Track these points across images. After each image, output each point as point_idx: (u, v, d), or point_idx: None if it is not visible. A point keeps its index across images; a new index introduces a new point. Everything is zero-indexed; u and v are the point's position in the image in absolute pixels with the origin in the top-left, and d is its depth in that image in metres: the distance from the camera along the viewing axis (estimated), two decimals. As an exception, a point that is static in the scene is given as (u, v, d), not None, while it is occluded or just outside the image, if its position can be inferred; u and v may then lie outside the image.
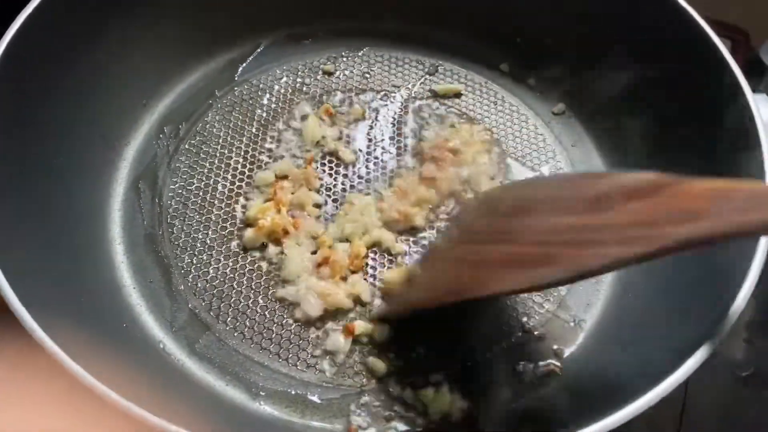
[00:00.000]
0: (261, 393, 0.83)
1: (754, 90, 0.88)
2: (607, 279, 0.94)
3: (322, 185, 1.01)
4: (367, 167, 1.04)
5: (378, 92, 1.13)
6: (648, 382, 0.70)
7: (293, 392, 0.83)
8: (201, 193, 1.00)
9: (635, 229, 0.64)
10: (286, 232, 0.94)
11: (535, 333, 0.89)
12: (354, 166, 1.04)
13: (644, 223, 0.64)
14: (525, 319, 0.91)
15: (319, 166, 1.03)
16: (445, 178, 0.99)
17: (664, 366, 0.72)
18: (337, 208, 0.99)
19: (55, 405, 0.64)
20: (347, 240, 0.94)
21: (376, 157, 1.05)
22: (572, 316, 0.91)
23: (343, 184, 1.02)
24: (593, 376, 0.84)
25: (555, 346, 0.88)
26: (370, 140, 1.07)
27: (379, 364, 0.85)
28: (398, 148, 1.07)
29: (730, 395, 1.01)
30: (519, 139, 1.10)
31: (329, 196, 1.00)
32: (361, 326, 0.87)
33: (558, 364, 0.86)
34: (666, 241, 0.62)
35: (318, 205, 0.98)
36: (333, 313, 0.89)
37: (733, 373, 1.03)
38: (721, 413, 1.00)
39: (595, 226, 0.67)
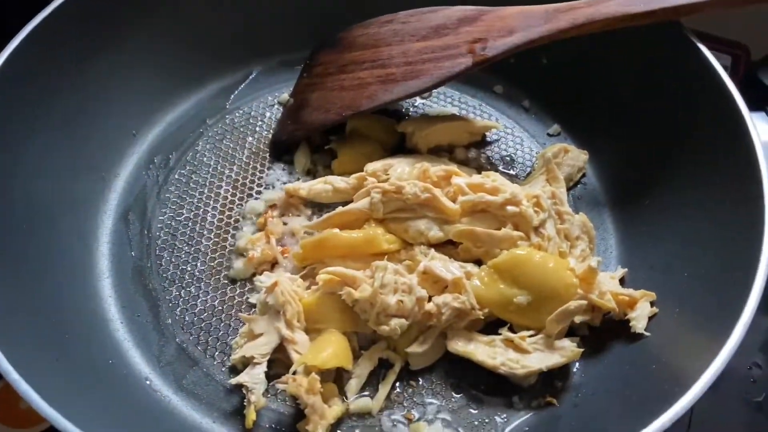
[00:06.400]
0: (250, 430, 0.80)
1: (753, 108, 0.86)
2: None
3: (313, 211, 1.00)
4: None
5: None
6: (646, 415, 0.68)
7: (283, 429, 0.81)
8: (190, 224, 0.98)
9: (472, 45, 0.93)
10: (275, 263, 0.92)
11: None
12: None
13: (477, 40, 0.93)
14: (521, 348, 0.88)
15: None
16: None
17: (664, 395, 0.70)
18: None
19: None
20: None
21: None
22: (570, 345, 0.89)
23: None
24: (591, 408, 0.81)
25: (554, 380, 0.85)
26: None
27: (369, 403, 0.83)
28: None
29: (741, 423, 0.97)
30: (515, 162, 1.08)
31: (321, 223, 0.98)
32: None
33: (554, 399, 0.83)
34: (496, 51, 0.92)
35: (310, 233, 0.97)
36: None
37: (743, 399, 0.98)
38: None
39: (440, 46, 0.96)
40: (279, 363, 0.83)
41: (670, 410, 0.66)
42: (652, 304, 0.86)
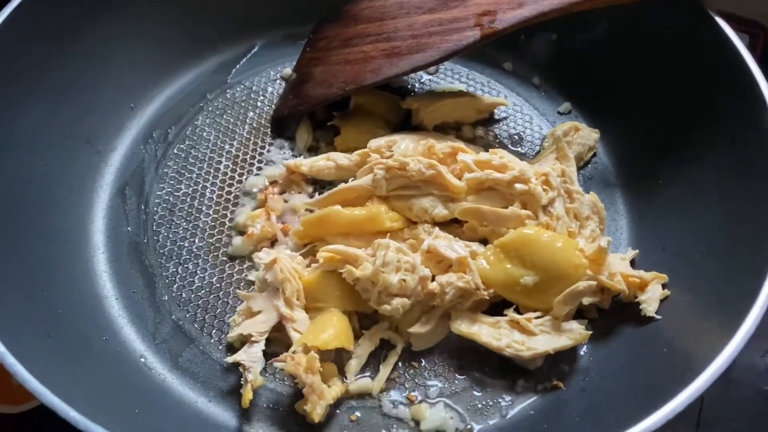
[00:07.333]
0: (247, 410, 0.78)
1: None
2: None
3: (315, 188, 0.97)
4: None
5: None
6: (656, 399, 0.66)
7: (281, 409, 0.79)
8: (189, 200, 0.96)
9: (480, 17, 0.89)
10: (275, 240, 0.90)
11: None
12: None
13: (486, 12, 0.89)
14: (527, 330, 0.85)
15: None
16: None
17: (675, 380, 0.68)
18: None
19: None
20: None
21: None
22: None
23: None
24: (599, 392, 0.78)
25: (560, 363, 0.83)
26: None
27: (370, 384, 0.80)
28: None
29: (751, 410, 0.95)
30: (524, 140, 1.04)
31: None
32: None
33: (560, 382, 0.80)
34: (505, 24, 0.87)
35: (311, 210, 0.94)
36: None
37: (755, 387, 0.96)
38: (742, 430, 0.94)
39: (448, 19, 0.92)
40: (277, 341, 0.80)
41: (681, 394, 0.63)
42: (663, 286, 0.83)
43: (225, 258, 0.91)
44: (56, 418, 0.62)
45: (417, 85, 1.11)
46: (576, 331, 0.80)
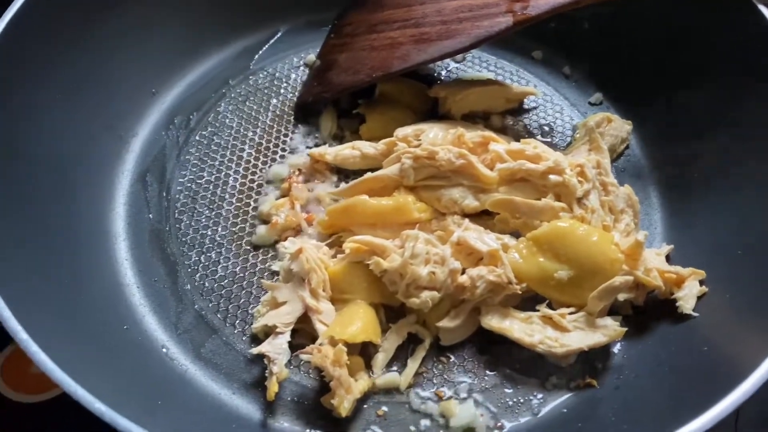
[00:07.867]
0: (271, 403, 0.76)
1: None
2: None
3: (340, 178, 0.95)
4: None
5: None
6: (700, 400, 0.63)
7: (306, 402, 0.77)
8: (211, 187, 0.94)
9: (512, 3, 0.86)
10: (299, 230, 0.88)
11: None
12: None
13: None
14: (559, 326, 0.83)
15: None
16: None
17: (717, 380, 0.65)
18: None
19: None
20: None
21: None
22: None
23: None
24: (634, 391, 0.75)
25: (593, 361, 0.80)
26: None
27: (397, 378, 0.78)
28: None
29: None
30: (554, 131, 1.02)
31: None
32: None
33: (594, 380, 0.78)
34: (538, 10, 0.84)
35: (336, 200, 0.92)
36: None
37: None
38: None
39: (478, 5, 0.89)
40: (302, 333, 0.78)
41: (732, 395, 0.61)
42: (701, 283, 0.80)
43: (248, 247, 0.89)
44: (75, 408, 0.60)
45: (444, 73, 1.08)
46: (611, 328, 0.77)
